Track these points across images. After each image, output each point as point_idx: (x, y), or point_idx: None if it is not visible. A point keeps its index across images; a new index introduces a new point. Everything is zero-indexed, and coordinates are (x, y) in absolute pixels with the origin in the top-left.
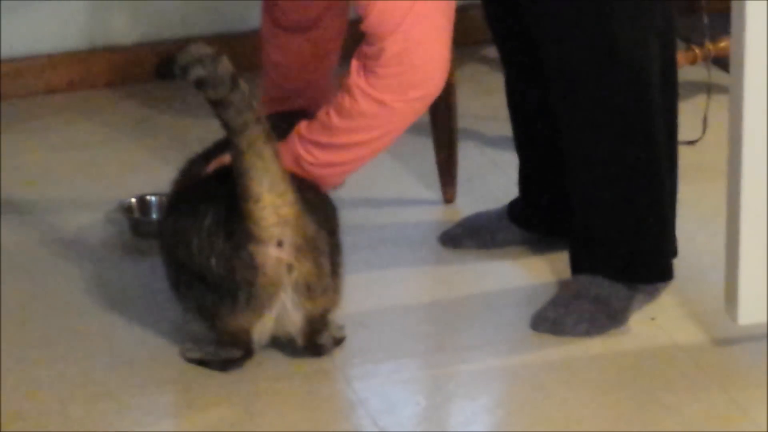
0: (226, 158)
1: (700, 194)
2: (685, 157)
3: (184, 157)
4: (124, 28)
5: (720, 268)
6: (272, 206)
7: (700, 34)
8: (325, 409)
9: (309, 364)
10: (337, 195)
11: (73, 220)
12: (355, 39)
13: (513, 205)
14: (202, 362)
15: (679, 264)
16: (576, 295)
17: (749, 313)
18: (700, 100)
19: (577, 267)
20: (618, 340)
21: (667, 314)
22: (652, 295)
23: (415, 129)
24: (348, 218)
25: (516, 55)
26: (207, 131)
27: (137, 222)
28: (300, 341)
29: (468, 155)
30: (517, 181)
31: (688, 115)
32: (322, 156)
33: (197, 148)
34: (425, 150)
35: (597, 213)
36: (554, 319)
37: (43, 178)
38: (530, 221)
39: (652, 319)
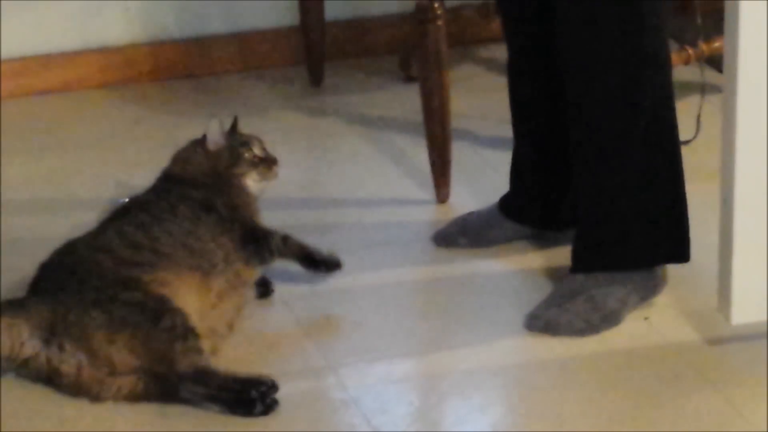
0: None
1: (693, 194)
2: None
3: None
4: (117, 29)
5: (713, 267)
6: None
7: (693, 34)
8: (318, 408)
9: (301, 363)
10: (330, 195)
11: (66, 220)
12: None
13: (504, 200)
14: None
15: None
16: (570, 295)
17: (742, 312)
18: (694, 100)
19: (577, 265)
20: (611, 339)
21: (661, 314)
22: (646, 298)
23: (408, 129)
24: (341, 218)
25: (522, 37)
26: (199, 131)
27: None
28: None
29: (461, 155)
30: (509, 172)
31: (682, 116)
32: None
33: None
34: (419, 150)
35: (617, 202)
36: (548, 318)
37: (37, 177)
38: (523, 213)
39: (646, 318)
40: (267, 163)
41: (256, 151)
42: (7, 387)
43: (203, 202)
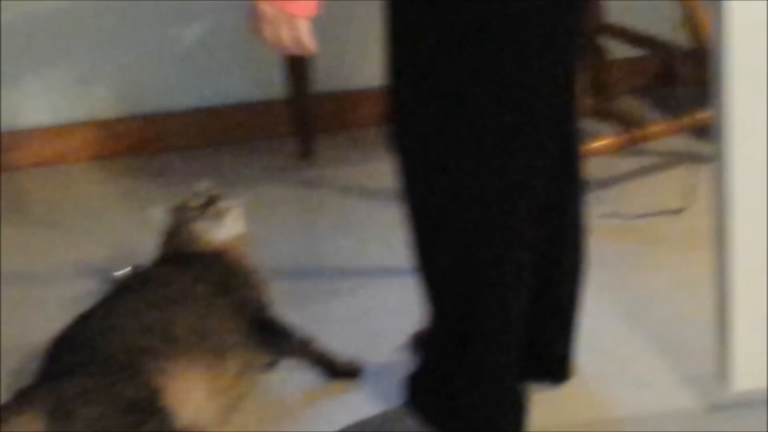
0: None
1: (687, 261)
2: (671, 225)
3: None
4: (106, 102)
5: (711, 333)
6: None
7: (681, 104)
8: None
9: (306, 428)
10: (323, 265)
11: (53, 292)
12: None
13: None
14: None
15: (672, 329)
16: (381, 423)
17: (743, 379)
18: (683, 169)
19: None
20: (612, 405)
21: (662, 379)
22: None
23: (398, 200)
24: (334, 288)
25: None
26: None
27: None
28: None
29: None
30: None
31: (672, 185)
32: None
33: None
34: None
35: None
36: None
37: (31, 250)
38: None
39: (647, 384)
40: (208, 204)
41: (193, 204)
42: None
43: (218, 283)
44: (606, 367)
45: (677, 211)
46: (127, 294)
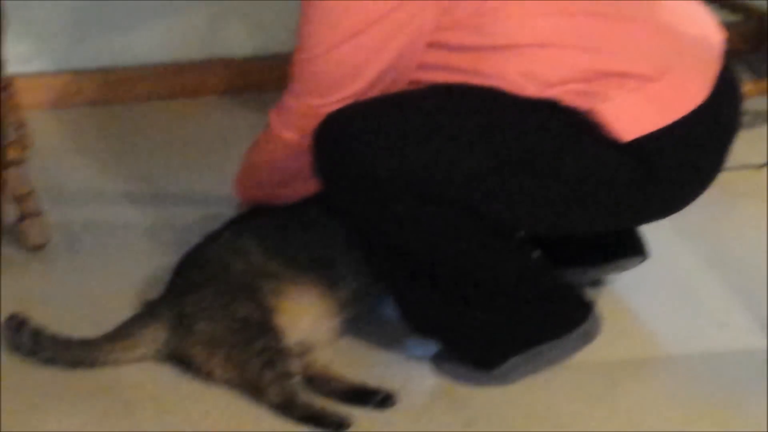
0: None
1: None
2: (752, 179)
3: None
4: (239, 41)
5: None
6: None
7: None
8: (418, 392)
9: (400, 353)
10: None
11: (186, 214)
12: None
13: None
14: None
15: (750, 274)
16: None
17: None
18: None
19: None
20: (689, 343)
21: (738, 320)
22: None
23: None
24: None
25: None
26: None
27: None
28: None
29: None
30: None
31: (755, 142)
32: None
33: None
34: None
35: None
36: (452, 366)
37: (160, 173)
38: None
39: (724, 324)
40: None
41: None
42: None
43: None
44: (684, 305)
45: (759, 166)
46: (255, 218)
